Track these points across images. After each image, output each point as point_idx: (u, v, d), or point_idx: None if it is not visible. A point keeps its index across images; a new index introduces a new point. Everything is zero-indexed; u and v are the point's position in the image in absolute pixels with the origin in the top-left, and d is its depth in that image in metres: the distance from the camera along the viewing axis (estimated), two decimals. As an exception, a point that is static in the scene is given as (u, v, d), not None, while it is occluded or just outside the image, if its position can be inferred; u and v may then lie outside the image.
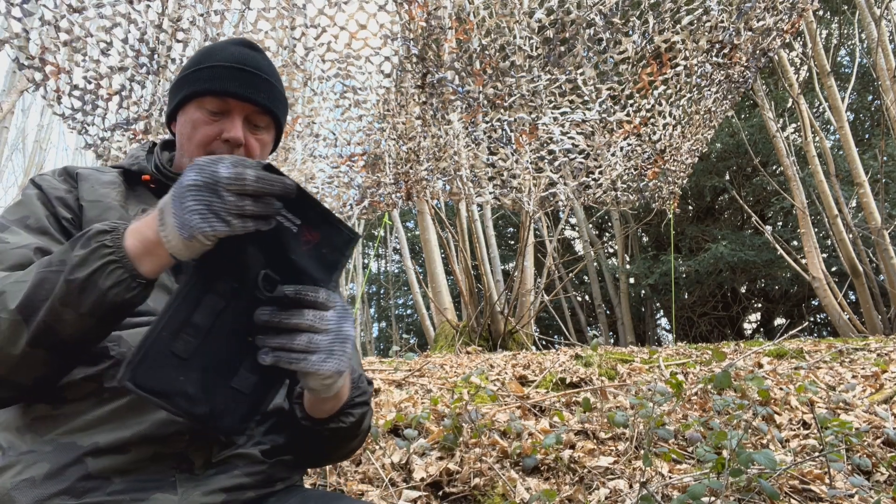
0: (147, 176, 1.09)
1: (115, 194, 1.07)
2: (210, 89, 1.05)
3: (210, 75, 1.06)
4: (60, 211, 1.02)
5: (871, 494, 1.81)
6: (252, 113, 1.07)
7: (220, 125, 1.06)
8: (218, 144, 1.06)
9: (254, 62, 1.09)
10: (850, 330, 7.01)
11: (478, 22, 3.65)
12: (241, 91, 1.05)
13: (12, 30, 2.88)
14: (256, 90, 1.07)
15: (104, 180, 1.08)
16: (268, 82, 1.09)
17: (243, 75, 1.06)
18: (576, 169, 4.76)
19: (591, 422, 2.49)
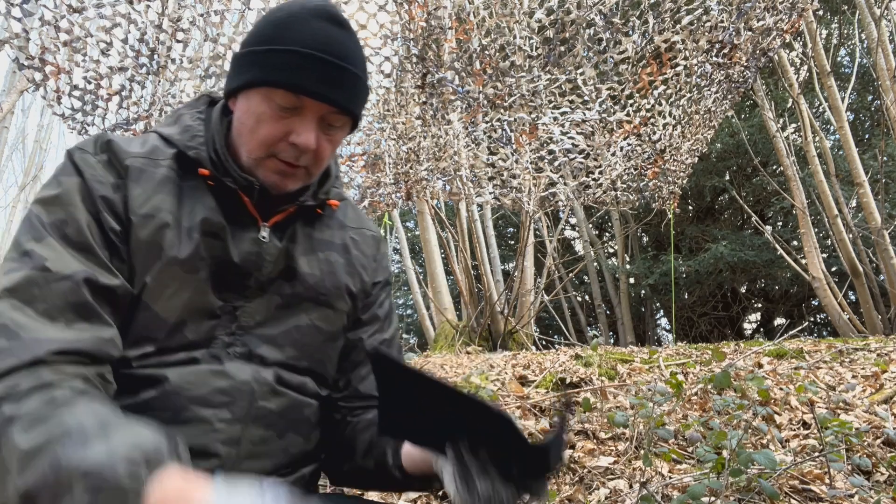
0: (205, 170, 0.92)
1: (170, 201, 0.91)
2: (283, 81, 0.87)
3: (285, 63, 0.87)
4: (106, 218, 0.86)
5: (871, 494, 1.81)
6: (329, 113, 0.90)
7: (289, 124, 0.89)
8: (284, 146, 0.90)
9: (339, 48, 0.88)
10: (850, 330, 7.00)
11: (478, 22, 3.64)
12: (321, 90, 0.87)
13: (12, 30, 2.88)
14: (339, 88, 0.88)
15: (158, 178, 0.91)
16: (353, 76, 0.90)
17: (325, 68, 0.87)
18: (576, 169, 4.76)
19: (591, 422, 2.49)
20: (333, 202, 1.03)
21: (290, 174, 0.92)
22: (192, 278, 0.89)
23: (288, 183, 0.93)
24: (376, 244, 1.10)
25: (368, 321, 1.07)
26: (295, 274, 0.97)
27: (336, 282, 1.01)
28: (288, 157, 0.90)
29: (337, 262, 1.03)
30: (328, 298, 1.00)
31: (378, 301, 1.09)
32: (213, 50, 3.38)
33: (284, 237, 0.97)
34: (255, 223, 0.95)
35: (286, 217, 0.97)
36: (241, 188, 0.92)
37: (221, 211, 0.93)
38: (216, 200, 0.93)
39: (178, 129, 0.96)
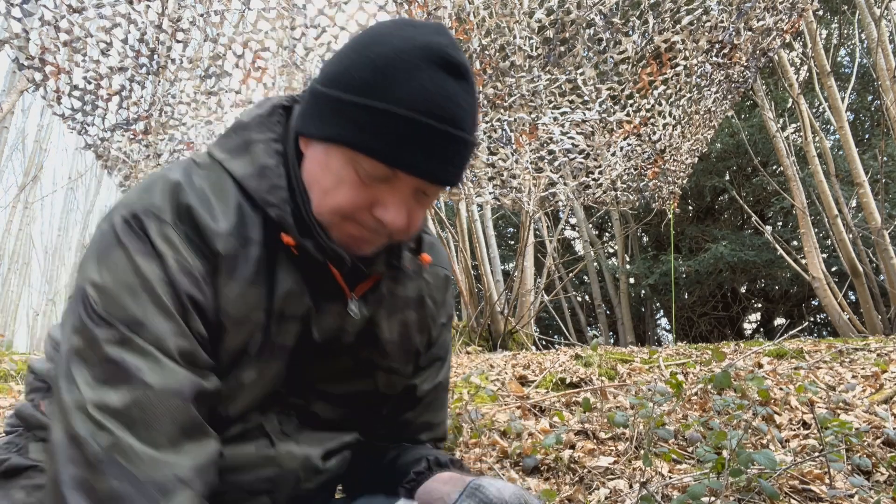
0: (290, 239, 0.78)
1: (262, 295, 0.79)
2: (377, 152, 0.71)
3: (383, 128, 0.70)
4: (194, 320, 0.75)
5: (871, 494, 1.81)
6: (426, 185, 0.76)
7: (376, 194, 0.75)
8: (366, 216, 0.76)
9: (454, 109, 0.72)
10: (850, 330, 7.00)
11: (478, 22, 3.64)
12: (424, 166, 0.72)
13: (12, 30, 2.88)
14: (446, 162, 0.73)
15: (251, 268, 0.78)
16: (460, 144, 0.73)
17: (433, 139, 0.71)
18: (576, 169, 4.76)
19: (591, 422, 2.49)
20: (426, 258, 0.91)
21: (367, 241, 0.80)
22: (266, 371, 0.83)
23: (364, 248, 0.80)
24: (446, 286, 1.01)
25: (427, 366, 1.02)
26: (375, 341, 0.90)
27: (408, 346, 0.95)
28: (368, 226, 0.77)
29: (411, 321, 0.95)
30: (398, 366, 0.95)
31: (440, 341, 1.02)
32: (213, 50, 3.38)
33: (373, 303, 0.89)
34: (342, 295, 0.84)
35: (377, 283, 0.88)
36: (332, 260, 0.80)
37: (307, 285, 0.82)
38: (301, 272, 0.81)
39: (252, 168, 0.80)
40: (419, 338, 0.98)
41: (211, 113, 3.76)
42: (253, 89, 3.66)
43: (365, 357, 0.90)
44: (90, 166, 18.42)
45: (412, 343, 0.96)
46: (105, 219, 0.78)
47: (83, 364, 0.70)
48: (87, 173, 19.00)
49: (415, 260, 0.92)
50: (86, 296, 0.73)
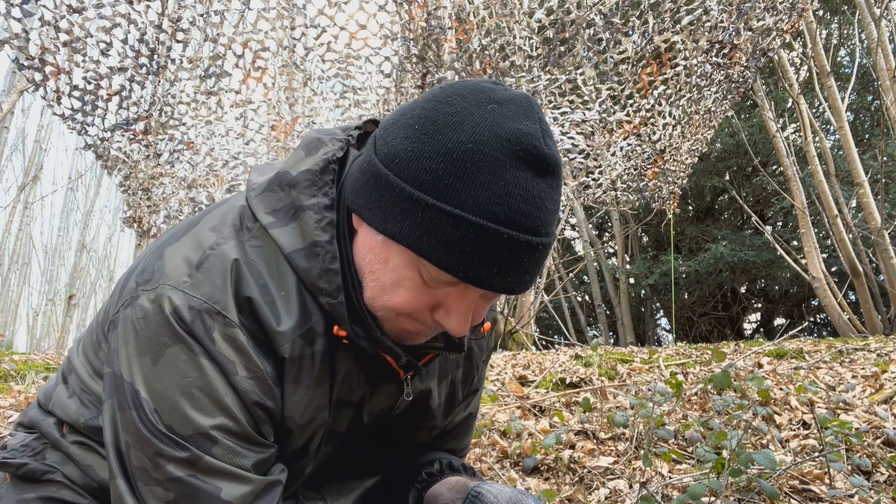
0: (342, 331, 0.73)
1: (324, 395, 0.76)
2: (446, 265, 0.62)
3: (455, 235, 0.61)
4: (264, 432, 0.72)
5: (871, 494, 1.81)
6: (492, 296, 0.70)
7: (438, 297, 0.68)
8: (425, 316, 0.70)
9: (537, 215, 0.63)
10: (850, 330, 7.01)
11: (478, 22, 3.65)
12: (497, 282, 0.64)
13: (12, 30, 2.88)
14: (518, 275, 0.65)
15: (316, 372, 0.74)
16: (538, 253, 0.65)
17: (511, 250, 0.62)
18: (576, 169, 4.76)
19: (591, 422, 2.49)
20: (487, 326, 0.86)
21: (422, 335, 0.74)
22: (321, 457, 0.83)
23: (417, 340, 0.75)
24: (493, 331, 0.95)
25: (463, 400, 0.99)
26: (425, 410, 0.88)
27: (453, 402, 0.94)
28: (426, 325, 0.71)
29: (458, 378, 0.92)
30: (442, 422, 0.94)
31: (478, 377, 0.99)
32: (213, 50, 3.38)
33: (424, 380, 0.86)
34: (396, 376, 0.80)
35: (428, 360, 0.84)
36: (385, 350, 0.75)
37: (363, 371, 0.78)
38: (356, 360, 0.77)
39: (302, 243, 0.71)
40: (462, 389, 0.96)
41: (211, 113, 3.76)
42: (253, 89, 3.66)
43: (413, 418, 0.89)
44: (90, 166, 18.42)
45: (456, 398, 0.95)
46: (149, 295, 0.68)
47: (150, 481, 0.67)
48: (87, 173, 19.01)
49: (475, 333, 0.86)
50: (140, 400, 0.66)
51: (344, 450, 0.88)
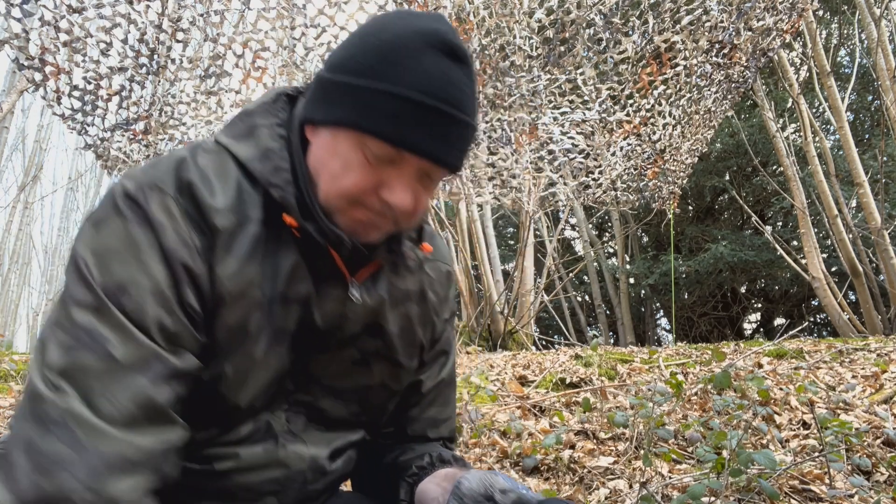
0: (292, 220, 0.78)
1: (260, 271, 0.79)
2: (384, 133, 0.73)
3: (389, 110, 0.72)
4: (186, 293, 0.74)
5: (871, 494, 1.81)
6: (431, 168, 0.77)
7: (382, 176, 0.76)
8: (372, 199, 0.77)
9: (456, 93, 0.74)
10: (850, 330, 7.01)
11: (478, 22, 3.64)
12: (429, 147, 0.74)
13: (12, 30, 2.88)
14: (450, 144, 0.75)
15: (246, 244, 0.78)
16: (463, 128, 0.76)
17: (438, 120, 0.73)
18: (575, 169, 4.76)
19: (591, 422, 2.49)
20: (427, 247, 0.92)
21: (374, 225, 0.80)
22: (270, 355, 0.82)
23: (371, 234, 0.81)
24: (448, 281, 1.01)
25: (430, 362, 1.01)
26: (379, 332, 0.90)
27: (412, 338, 0.95)
28: (374, 209, 0.78)
29: (413, 314, 0.95)
30: (403, 359, 0.94)
31: (443, 337, 1.02)
32: (213, 50, 3.38)
33: (375, 291, 0.88)
34: (343, 280, 0.84)
35: (378, 270, 0.89)
36: (332, 244, 0.80)
37: (308, 267, 0.82)
38: (302, 255, 0.82)
39: (256, 151, 0.81)
40: (422, 331, 0.98)
41: (211, 113, 3.76)
42: (253, 89, 3.66)
43: (370, 349, 0.91)
44: (90, 166, 18.42)
45: (416, 336, 0.96)
46: (108, 190, 0.78)
47: (58, 326, 0.71)
48: (87, 173, 19.01)
49: (415, 251, 0.92)
50: (77, 257, 0.73)
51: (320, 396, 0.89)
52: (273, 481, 0.85)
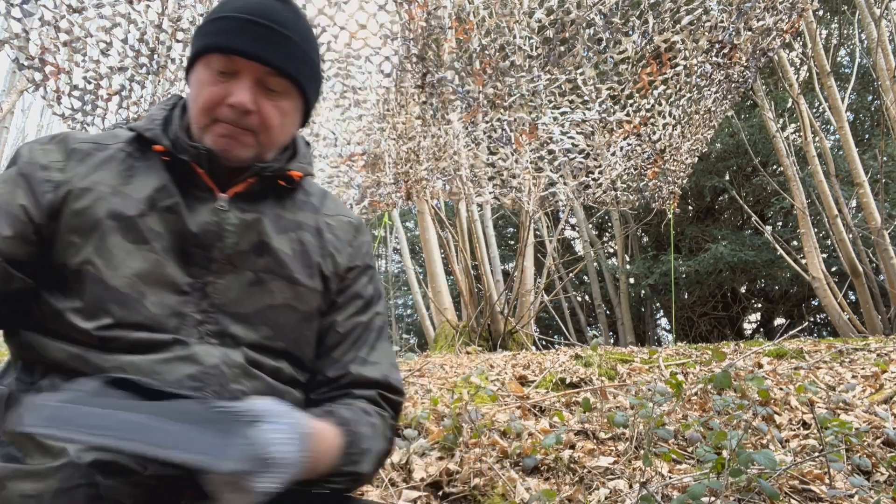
0: (160, 147, 0.94)
1: (113, 177, 0.93)
2: (216, 45, 0.92)
3: (218, 29, 0.92)
4: (40, 193, 0.90)
5: (871, 494, 1.81)
6: (265, 75, 0.92)
7: (227, 87, 0.91)
8: (223, 110, 0.92)
9: (273, 14, 0.93)
10: (850, 330, 7.01)
11: (478, 22, 3.65)
12: (249, 48, 0.91)
13: (12, 30, 2.88)
14: (268, 47, 0.92)
15: (101, 157, 0.94)
16: (286, 38, 0.93)
17: (254, 29, 0.91)
18: (575, 169, 4.76)
19: (591, 422, 2.49)
20: (296, 173, 1.01)
21: (235, 137, 0.93)
22: (142, 249, 0.89)
23: (235, 147, 0.93)
24: (354, 230, 1.08)
25: (344, 304, 1.04)
26: (267, 248, 0.96)
27: (308, 261, 1.00)
28: (229, 119, 0.92)
29: (309, 242, 1.01)
30: (301, 277, 0.98)
31: (356, 283, 1.06)
32: (213, 50, 3.39)
33: (251, 211, 0.96)
34: (213, 194, 0.95)
35: (252, 192, 0.97)
36: (194, 159, 0.93)
37: (176, 185, 0.94)
38: (171, 175, 0.94)
39: (142, 121, 0.99)
40: (322, 260, 1.01)
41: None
42: (253, 89, 3.66)
43: (261, 267, 0.95)
44: (90, 166, 18.41)
45: (312, 260, 1.00)
46: None
47: None
48: (87, 173, 19.01)
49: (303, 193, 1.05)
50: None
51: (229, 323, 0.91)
52: (189, 377, 0.86)
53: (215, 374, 0.87)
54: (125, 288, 0.87)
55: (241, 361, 0.90)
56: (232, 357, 0.90)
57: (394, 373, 1.05)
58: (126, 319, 0.86)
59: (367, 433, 0.93)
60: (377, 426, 0.96)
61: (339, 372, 1.00)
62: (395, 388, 1.03)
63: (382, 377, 1.02)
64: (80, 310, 0.86)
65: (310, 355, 1.00)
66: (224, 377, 0.88)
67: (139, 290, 0.88)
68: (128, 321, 0.86)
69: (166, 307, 0.88)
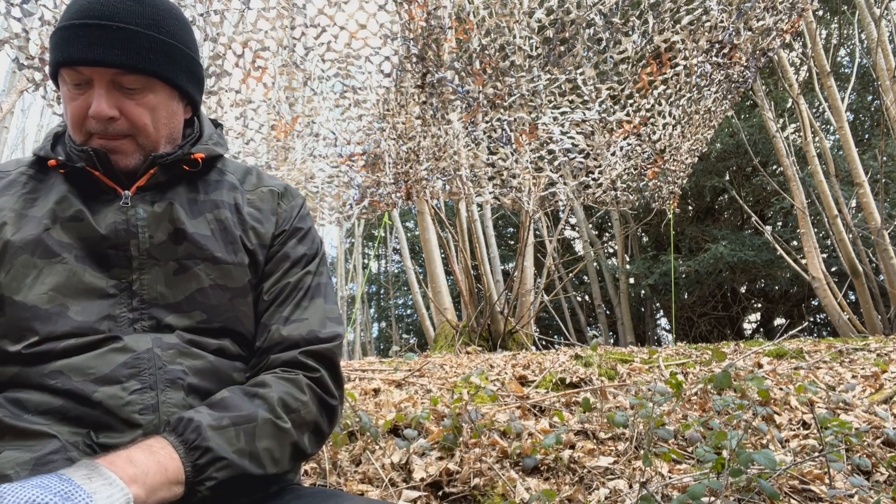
0: (53, 161, 0.94)
1: (14, 201, 0.94)
2: (61, 59, 0.88)
3: (58, 41, 0.89)
4: None
5: (871, 494, 1.81)
6: (116, 76, 0.88)
7: (86, 98, 0.90)
8: (90, 122, 0.90)
9: (102, 10, 0.88)
10: (849, 330, 7.01)
11: (478, 22, 3.64)
12: (88, 54, 0.86)
13: (12, 30, 2.88)
14: (105, 48, 0.87)
15: (2, 185, 0.96)
16: (123, 32, 0.87)
17: (89, 33, 0.87)
18: (575, 169, 4.76)
19: (591, 422, 2.49)
20: (198, 155, 0.99)
21: (113, 148, 0.93)
22: (53, 263, 0.90)
23: (121, 159, 0.93)
24: (277, 197, 1.06)
25: (272, 269, 1.02)
26: (184, 235, 0.95)
27: (229, 237, 0.99)
28: (98, 130, 0.91)
29: (228, 219, 1.00)
30: (223, 255, 0.97)
31: (284, 246, 1.04)
32: (213, 49, 3.38)
33: (161, 201, 0.96)
34: (116, 194, 0.95)
35: (157, 183, 0.96)
36: (88, 163, 0.93)
37: (79, 193, 0.94)
38: (72, 186, 0.94)
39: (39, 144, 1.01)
40: (243, 234, 1.00)
41: (211, 112, 3.76)
42: (253, 89, 3.66)
43: (182, 255, 0.95)
44: (90, 166, 18.41)
45: (234, 235, 0.99)
46: None
47: None
48: (86, 173, 19.00)
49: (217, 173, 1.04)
50: None
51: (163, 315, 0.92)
52: (123, 365, 0.86)
53: (149, 358, 0.88)
54: (44, 304, 0.88)
55: (175, 342, 0.90)
56: (165, 340, 0.90)
57: (326, 327, 0.99)
58: (52, 334, 0.87)
59: (227, 437, 0.83)
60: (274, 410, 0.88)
61: (262, 337, 0.98)
62: (324, 340, 0.97)
63: (307, 333, 0.97)
64: (5, 335, 0.88)
65: (251, 328, 0.99)
66: (159, 359, 0.88)
67: (60, 304, 0.88)
68: (54, 335, 0.87)
69: (93, 313, 0.89)
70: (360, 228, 16.29)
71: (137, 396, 0.85)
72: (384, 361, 4.23)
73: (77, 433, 0.84)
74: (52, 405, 0.84)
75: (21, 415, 0.84)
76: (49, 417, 0.84)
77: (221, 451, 0.80)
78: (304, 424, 0.91)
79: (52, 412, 0.84)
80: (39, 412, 0.85)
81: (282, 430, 0.87)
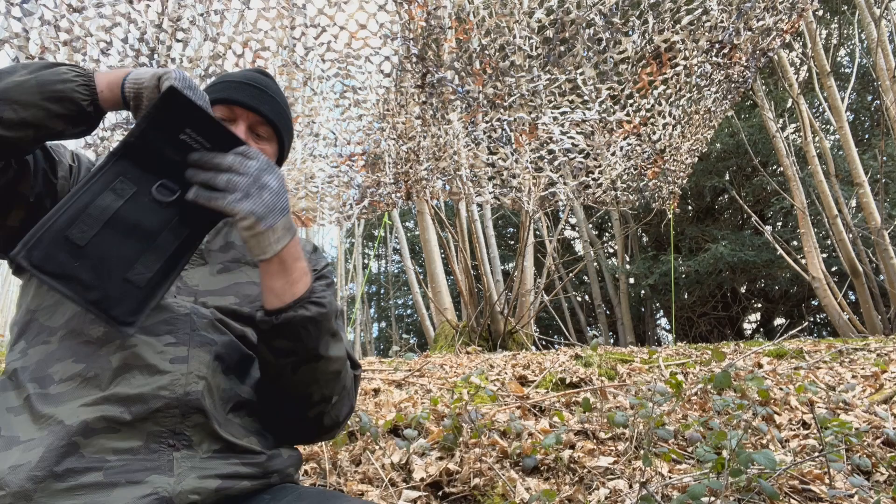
0: None
1: None
2: (220, 98, 1.15)
3: (222, 88, 1.18)
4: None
5: (871, 494, 1.81)
6: (255, 122, 1.16)
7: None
8: None
9: (261, 82, 1.20)
10: (849, 330, 7.01)
11: (478, 22, 3.64)
12: (246, 100, 1.16)
13: (12, 30, 2.88)
14: (260, 102, 1.17)
15: None
16: (273, 99, 1.20)
17: (250, 89, 1.18)
18: (576, 168, 4.76)
19: (590, 422, 2.49)
20: None
21: None
22: None
23: None
24: (309, 247, 1.25)
25: None
26: (232, 246, 1.14)
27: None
28: None
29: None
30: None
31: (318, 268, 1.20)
32: (213, 50, 3.38)
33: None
34: None
35: None
36: None
37: None
38: None
39: None
40: None
41: (211, 113, 3.76)
42: (253, 89, 3.65)
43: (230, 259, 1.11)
44: (90, 166, 18.40)
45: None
46: None
47: None
48: (86, 173, 19.00)
49: None
50: None
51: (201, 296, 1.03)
52: (162, 322, 0.96)
53: (186, 320, 0.97)
54: None
55: (210, 316, 1.00)
56: (202, 311, 1.00)
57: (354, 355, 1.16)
58: None
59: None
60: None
61: None
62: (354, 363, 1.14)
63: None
64: None
65: None
66: (194, 324, 0.98)
67: None
68: None
69: None
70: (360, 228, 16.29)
71: (171, 348, 0.94)
72: (384, 361, 4.23)
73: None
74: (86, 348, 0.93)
75: None
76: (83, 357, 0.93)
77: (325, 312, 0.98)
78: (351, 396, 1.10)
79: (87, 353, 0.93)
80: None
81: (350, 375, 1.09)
